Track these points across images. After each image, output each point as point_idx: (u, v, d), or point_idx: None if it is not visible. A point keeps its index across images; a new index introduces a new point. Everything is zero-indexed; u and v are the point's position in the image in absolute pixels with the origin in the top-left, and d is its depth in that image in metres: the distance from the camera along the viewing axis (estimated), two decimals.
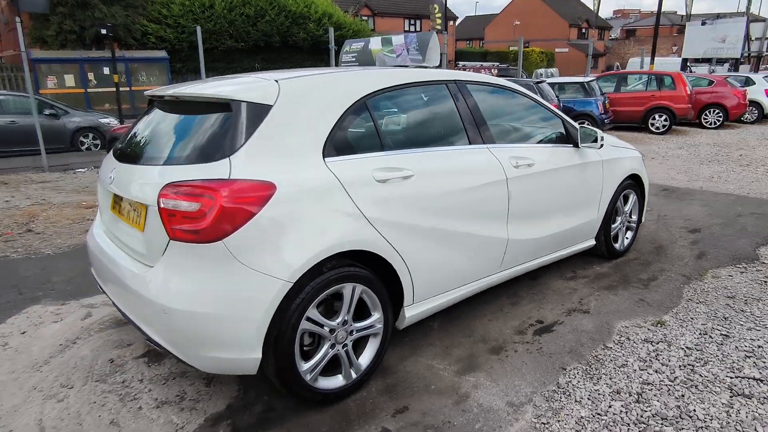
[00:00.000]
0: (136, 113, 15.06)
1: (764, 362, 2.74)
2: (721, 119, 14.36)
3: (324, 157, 2.31)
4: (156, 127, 2.58)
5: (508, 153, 3.09)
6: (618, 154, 4.02)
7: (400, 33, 3.45)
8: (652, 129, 13.45)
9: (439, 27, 13.03)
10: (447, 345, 2.96)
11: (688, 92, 13.21)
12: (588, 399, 2.45)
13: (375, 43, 3.59)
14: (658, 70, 15.04)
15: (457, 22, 48.13)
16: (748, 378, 2.60)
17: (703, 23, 17.97)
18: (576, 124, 3.66)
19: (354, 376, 2.47)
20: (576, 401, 2.44)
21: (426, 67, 3.16)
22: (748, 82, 15.91)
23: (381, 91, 2.62)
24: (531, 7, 48.90)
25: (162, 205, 2.11)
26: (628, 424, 2.26)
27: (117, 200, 2.61)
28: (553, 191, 3.40)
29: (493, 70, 21.51)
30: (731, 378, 2.60)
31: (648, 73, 14.05)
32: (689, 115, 13.47)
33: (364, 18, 32.57)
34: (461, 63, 33.79)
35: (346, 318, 2.38)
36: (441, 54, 6.42)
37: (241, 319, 2.07)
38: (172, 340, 2.13)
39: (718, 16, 22.54)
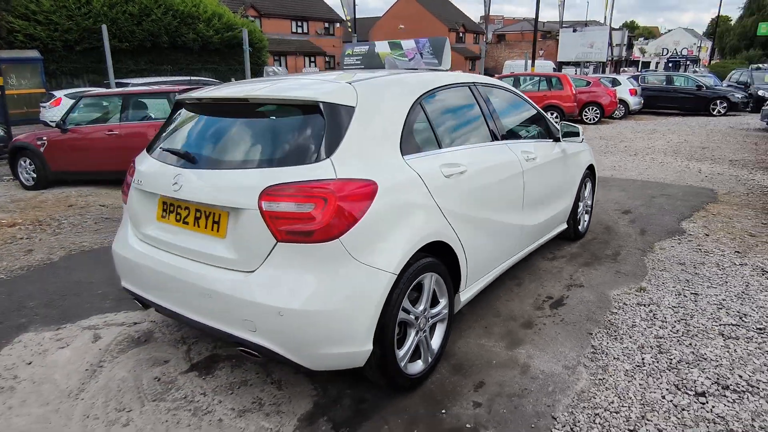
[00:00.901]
0: (17, 120, 13.30)
1: (734, 311, 3.37)
2: (598, 116, 16.32)
3: (402, 155, 2.45)
4: (222, 130, 2.50)
5: (520, 148, 3.44)
6: (579, 148, 4.58)
7: (408, 40, 3.61)
8: None
9: (350, 29, 13.25)
10: (484, 325, 3.22)
11: (574, 92, 14.87)
12: (624, 355, 2.86)
13: (382, 47, 3.73)
14: (547, 72, 16.67)
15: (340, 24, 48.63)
16: (729, 324, 3.20)
17: (575, 30, 20.27)
18: (556, 122, 4.13)
19: (430, 360, 2.64)
20: (615, 358, 2.84)
21: (441, 70, 3.39)
22: (615, 83, 18.23)
23: (430, 92, 2.81)
24: (411, 11, 50.99)
25: (265, 209, 2.11)
26: (665, 370, 2.70)
27: (172, 208, 2.50)
28: (549, 181, 3.83)
29: None
30: (717, 326, 3.18)
31: (539, 75, 15.54)
32: (575, 113, 15.16)
33: (252, 18, 31.69)
34: None
35: (425, 306, 2.54)
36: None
37: (356, 314, 2.14)
38: (282, 341, 2.13)
39: (587, 24, 25.64)
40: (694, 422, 2.30)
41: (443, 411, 2.41)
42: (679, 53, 45.27)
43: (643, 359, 2.82)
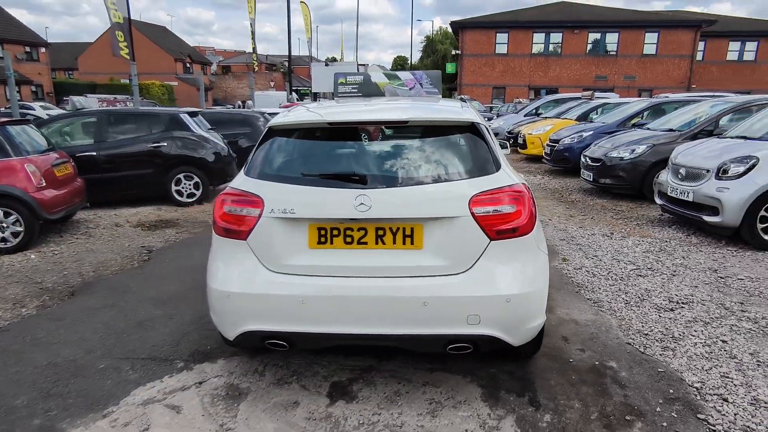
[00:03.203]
0: None
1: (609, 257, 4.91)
2: None
3: None
4: (387, 149, 2.61)
5: None
6: None
7: (403, 71, 4.06)
8: None
9: (127, 56, 11.89)
10: None
11: None
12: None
13: (377, 77, 4.04)
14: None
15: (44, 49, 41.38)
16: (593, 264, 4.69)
17: (326, 64, 22.35)
18: None
19: None
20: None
21: (439, 97, 3.98)
22: None
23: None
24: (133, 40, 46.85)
25: (477, 213, 2.42)
26: (617, 276, 3.92)
27: (336, 232, 2.49)
28: None
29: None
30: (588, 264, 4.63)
31: None
32: None
33: None
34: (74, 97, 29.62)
35: None
36: None
37: (545, 292, 2.61)
38: (503, 325, 2.44)
39: (334, 59, 28.53)
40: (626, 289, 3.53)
41: (571, 359, 3.06)
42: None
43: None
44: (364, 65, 29.01)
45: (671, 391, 2.72)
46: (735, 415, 2.50)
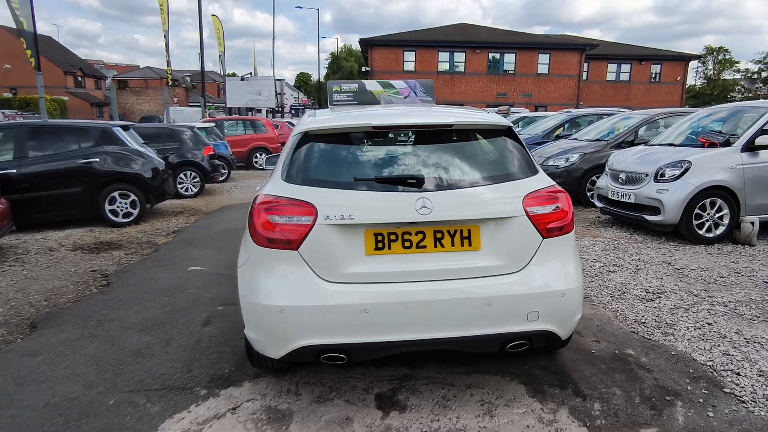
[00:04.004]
0: None
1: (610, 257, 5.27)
2: None
3: None
4: (433, 153, 2.60)
5: None
6: None
7: (398, 80, 4.08)
8: (256, 166, 15.73)
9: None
10: None
11: (276, 134, 16.23)
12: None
13: (372, 86, 3.99)
14: (251, 117, 17.44)
15: None
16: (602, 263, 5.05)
17: (242, 79, 21.79)
18: None
19: None
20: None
21: (432, 105, 4.05)
22: (291, 125, 20.60)
23: None
24: (18, 50, 42.30)
25: (531, 213, 2.50)
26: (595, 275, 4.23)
27: (393, 237, 2.44)
28: None
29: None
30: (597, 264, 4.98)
31: (243, 119, 16.23)
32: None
33: None
34: None
35: None
36: None
37: (583, 287, 2.75)
38: (557, 319, 2.53)
39: (251, 74, 27.62)
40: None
41: (593, 351, 3.22)
42: (298, 102, 54.23)
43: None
44: (280, 80, 28.62)
45: (691, 371, 2.97)
46: (752, 386, 2.78)
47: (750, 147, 5.82)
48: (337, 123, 2.72)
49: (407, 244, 2.45)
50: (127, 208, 7.47)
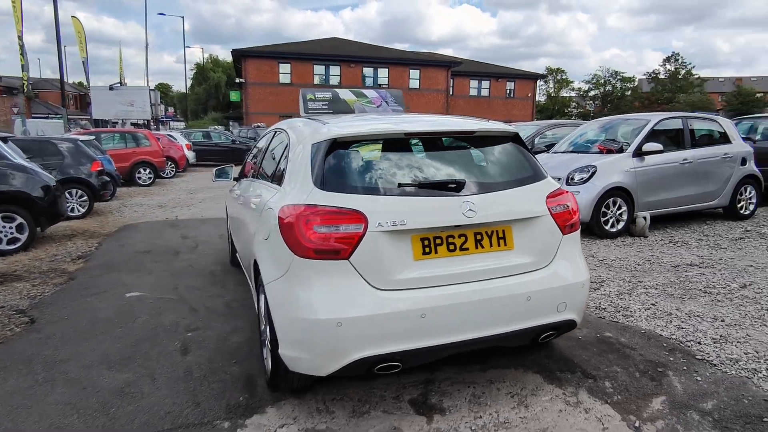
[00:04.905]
0: None
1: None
2: (174, 170, 16.98)
3: None
4: (461, 158, 2.72)
5: None
6: None
7: (369, 88, 4.08)
8: (139, 182, 14.39)
9: None
10: None
11: (161, 147, 15.03)
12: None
13: (346, 95, 3.90)
14: (130, 129, 15.84)
15: None
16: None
17: (111, 88, 19.72)
18: None
19: None
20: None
21: (403, 113, 4.14)
22: (171, 138, 19.20)
23: None
24: None
25: (554, 212, 2.71)
26: None
27: (439, 241, 2.49)
28: None
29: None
30: None
31: (123, 132, 14.73)
32: (164, 168, 15.32)
33: None
34: None
35: None
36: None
37: None
38: (577, 308, 2.76)
39: (120, 83, 24.65)
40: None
41: (580, 337, 3.53)
42: (164, 114, 50.40)
43: None
44: (154, 90, 26.29)
45: (664, 345, 3.41)
46: (714, 351, 3.28)
47: (639, 153, 6.80)
48: (369, 130, 2.69)
49: (451, 247, 2.51)
50: (12, 233, 6.41)
